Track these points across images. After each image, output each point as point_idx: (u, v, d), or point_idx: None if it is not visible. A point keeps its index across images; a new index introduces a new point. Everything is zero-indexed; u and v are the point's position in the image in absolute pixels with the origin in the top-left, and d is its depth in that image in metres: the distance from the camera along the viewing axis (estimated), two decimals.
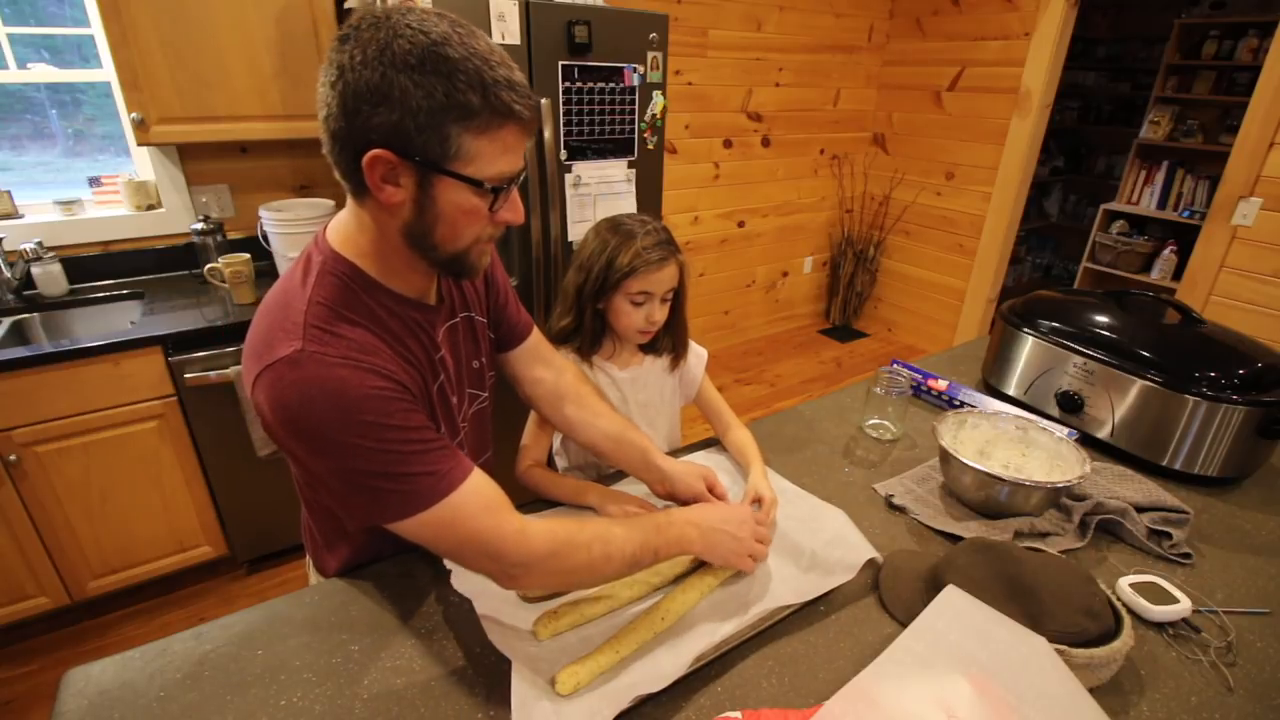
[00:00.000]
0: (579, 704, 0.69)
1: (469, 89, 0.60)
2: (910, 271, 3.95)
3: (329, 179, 2.30)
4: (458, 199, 0.66)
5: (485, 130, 0.63)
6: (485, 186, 0.65)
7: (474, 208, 0.67)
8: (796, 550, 0.92)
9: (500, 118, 0.63)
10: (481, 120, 0.62)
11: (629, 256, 1.00)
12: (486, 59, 0.62)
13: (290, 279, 0.72)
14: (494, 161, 0.65)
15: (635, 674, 0.72)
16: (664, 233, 1.05)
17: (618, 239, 1.02)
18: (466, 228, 0.69)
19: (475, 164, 0.64)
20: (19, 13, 1.88)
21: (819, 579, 0.85)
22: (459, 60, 0.60)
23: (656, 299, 1.04)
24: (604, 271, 1.02)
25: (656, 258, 1.01)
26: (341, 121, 0.62)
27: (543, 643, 0.77)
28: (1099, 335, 1.23)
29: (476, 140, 0.63)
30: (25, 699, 1.69)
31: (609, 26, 1.89)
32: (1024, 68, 3.13)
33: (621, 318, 1.06)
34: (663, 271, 1.02)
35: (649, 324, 1.06)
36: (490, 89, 0.61)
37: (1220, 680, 0.75)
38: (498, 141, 0.64)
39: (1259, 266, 2.57)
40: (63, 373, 1.59)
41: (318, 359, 0.64)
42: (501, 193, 0.68)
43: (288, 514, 2.02)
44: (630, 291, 1.03)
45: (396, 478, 0.65)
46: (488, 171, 0.65)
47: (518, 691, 0.67)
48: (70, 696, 0.70)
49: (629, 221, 1.04)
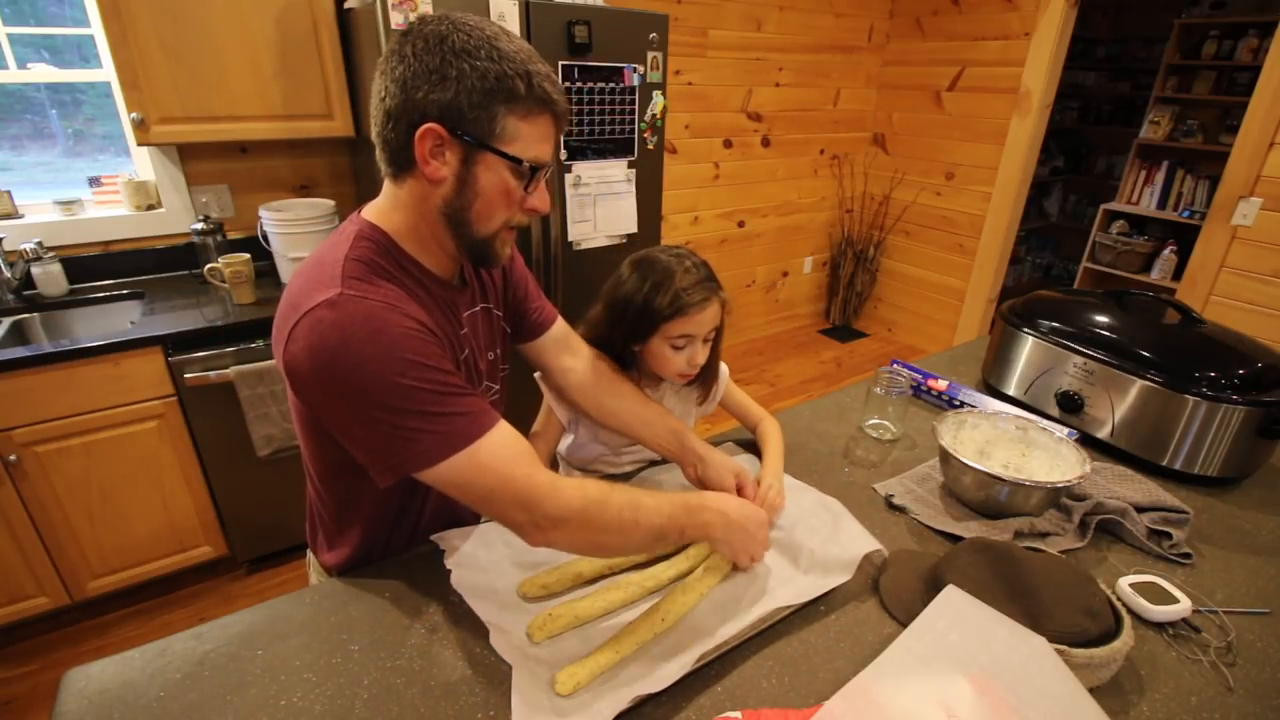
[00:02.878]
0: (578, 704, 0.68)
1: (516, 76, 0.68)
2: (910, 271, 3.95)
3: (329, 179, 2.32)
4: (496, 177, 0.72)
5: (527, 115, 0.71)
6: (523, 165, 0.72)
7: (510, 188, 0.73)
8: (795, 549, 0.92)
9: (541, 106, 0.71)
10: (525, 105, 0.70)
11: (669, 298, 0.92)
12: (530, 56, 0.70)
13: (324, 246, 0.76)
14: (531, 145, 0.72)
15: (635, 674, 0.72)
16: (705, 269, 0.98)
17: (656, 277, 0.94)
18: (500, 208, 0.74)
19: (516, 144, 0.71)
20: (19, 13, 1.88)
21: (817, 579, 0.85)
22: (509, 52, 0.69)
23: (699, 341, 0.97)
24: (641, 313, 0.94)
25: (699, 298, 0.93)
26: (399, 99, 0.69)
27: (541, 644, 0.77)
28: (1099, 335, 1.23)
29: (519, 123, 0.70)
30: (25, 699, 1.69)
31: (609, 26, 1.89)
32: (1024, 68, 3.13)
33: (660, 362, 0.99)
34: (705, 313, 0.95)
35: (690, 368, 0.99)
36: (534, 79, 0.69)
37: (1220, 680, 0.75)
38: (536, 127, 0.72)
39: (1259, 266, 2.57)
40: (63, 373, 1.59)
41: (356, 300, 0.67)
42: (534, 178, 0.74)
43: (288, 514, 2.03)
44: (671, 335, 0.95)
45: (432, 417, 0.67)
46: (525, 154, 0.72)
47: (518, 691, 0.67)
48: (70, 696, 0.70)
49: (665, 258, 0.96)
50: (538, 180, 0.75)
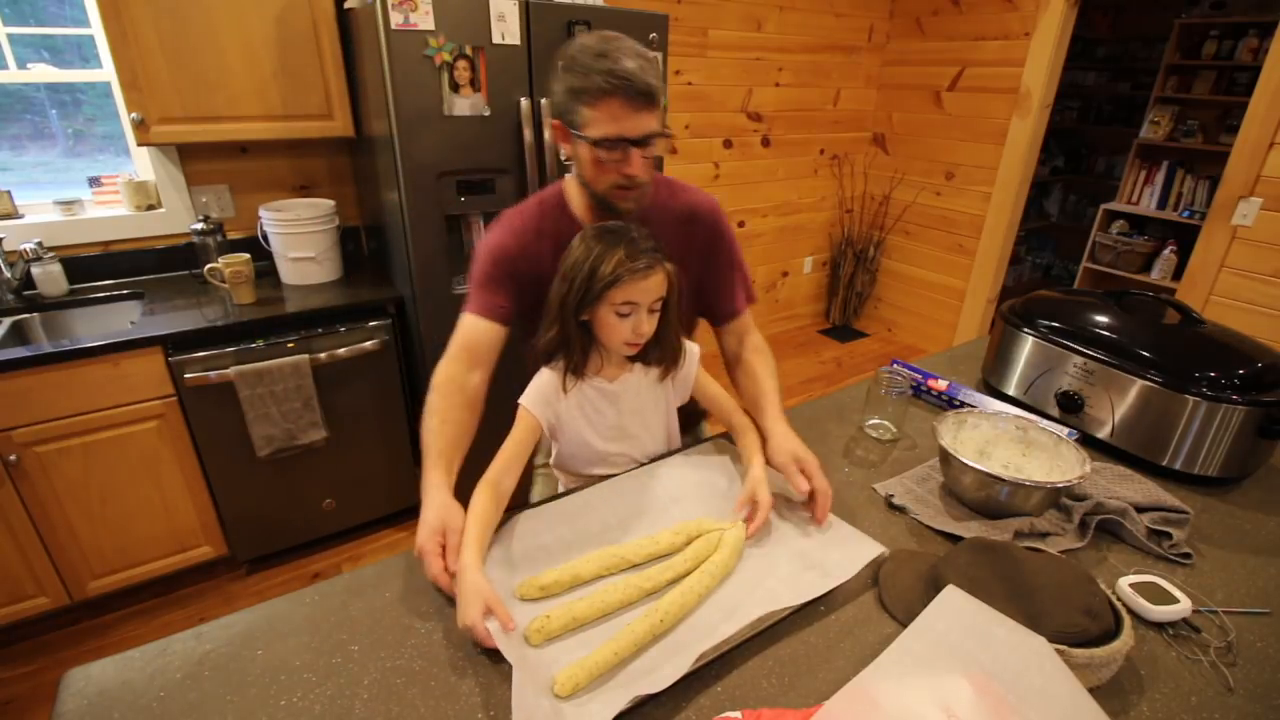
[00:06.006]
0: (577, 705, 0.69)
1: (585, 75, 0.92)
2: (910, 271, 3.95)
3: (329, 179, 2.32)
4: (587, 152, 0.98)
5: (594, 103, 0.93)
6: (590, 140, 0.96)
7: (598, 158, 0.98)
8: (795, 551, 0.92)
9: (601, 94, 0.92)
10: (590, 96, 0.93)
11: (612, 265, 0.95)
12: (603, 55, 0.91)
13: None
14: (602, 125, 0.95)
15: (633, 675, 0.72)
16: (650, 240, 1.00)
17: (601, 246, 0.97)
18: (596, 173, 1.01)
19: (589, 128, 0.95)
20: (19, 13, 1.88)
21: (818, 579, 0.85)
22: (584, 59, 0.92)
23: (643, 310, 0.98)
24: (586, 281, 0.96)
25: (642, 266, 0.95)
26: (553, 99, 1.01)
27: (540, 646, 0.77)
28: (1099, 335, 1.23)
29: (589, 110, 0.94)
30: (25, 699, 1.69)
31: (609, 26, 1.89)
32: (1024, 68, 3.13)
33: (606, 330, 1.01)
34: (648, 281, 0.97)
35: (636, 336, 1.01)
36: (595, 78, 0.91)
37: (1220, 680, 0.75)
38: (603, 110, 0.94)
39: (1259, 266, 2.57)
40: (63, 373, 1.59)
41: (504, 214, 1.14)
42: (615, 148, 0.96)
43: (288, 514, 2.03)
44: (615, 302, 0.97)
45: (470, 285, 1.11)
46: (596, 133, 0.95)
47: (518, 692, 0.67)
48: (70, 696, 0.70)
49: (614, 228, 1.00)
50: (618, 152, 0.96)
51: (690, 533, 0.93)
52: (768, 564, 0.90)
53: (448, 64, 1.70)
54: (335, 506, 2.10)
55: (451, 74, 1.71)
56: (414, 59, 1.66)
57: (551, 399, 1.05)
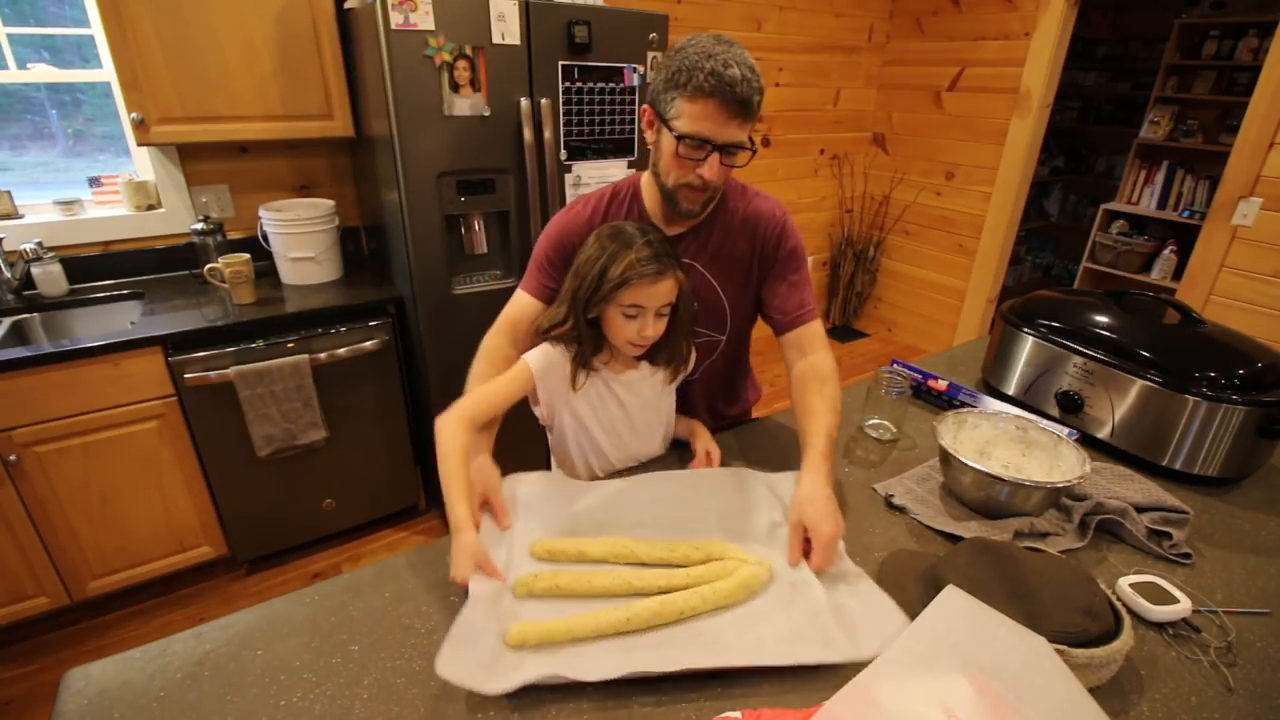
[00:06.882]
0: (510, 658, 0.71)
1: (689, 70, 0.93)
2: (910, 271, 3.95)
3: (329, 179, 2.32)
4: (666, 143, 1.00)
5: (693, 99, 0.94)
6: (675, 133, 0.96)
7: (675, 151, 0.98)
8: (809, 604, 0.81)
9: (699, 92, 0.93)
10: (690, 91, 0.93)
11: (622, 268, 0.96)
12: (712, 57, 0.92)
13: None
14: (691, 122, 0.95)
15: (572, 657, 0.73)
16: (663, 244, 1.00)
17: (614, 247, 0.98)
18: (671, 166, 1.01)
19: (679, 120, 0.96)
20: (19, 13, 1.88)
21: (814, 649, 0.75)
22: (694, 54, 0.93)
23: (650, 313, 0.99)
24: (596, 280, 0.98)
25: (651, 271, 0.96)
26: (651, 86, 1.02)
27: (520, 600, 0.81)
28: (1099, 335, 1.23)
29: (685, 104, 0.95)
30: (25, 699, 1.69)
31: (609, 26, 1.89)
32: (1024, 68, 3.12)
33: (613, 329, 1.02)
34: (657, 286, 0.97)
35: (640, 338, 1.01)
36: (697, 74, 0.92)
37: (1220, 680, 0.75)
38: (697, 107, 0.94)
39: (1259, 266, 2.57)
40: (63, 373, 1.59)
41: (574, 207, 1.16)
42: (698, 148, 0.96)
43: (288, 514, 2.03)
44: (622, 304, 0.98)
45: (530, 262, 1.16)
46: (685, 128, 0.96)
47: (468, 618, 0.72)
48: (70, 696, 0.70)
49: (629, 230, 1.01)
50: (699, 151, 0.97)
51: (712, 554, 0.89)
52: (777, 607, 0.82)
53: (448, 64, 1.70)
54: (335, 506, 2.11)
55: (451, 74, 1.71)
56: (414, 59, 1.66)
57: (558, 377, 1.06)
